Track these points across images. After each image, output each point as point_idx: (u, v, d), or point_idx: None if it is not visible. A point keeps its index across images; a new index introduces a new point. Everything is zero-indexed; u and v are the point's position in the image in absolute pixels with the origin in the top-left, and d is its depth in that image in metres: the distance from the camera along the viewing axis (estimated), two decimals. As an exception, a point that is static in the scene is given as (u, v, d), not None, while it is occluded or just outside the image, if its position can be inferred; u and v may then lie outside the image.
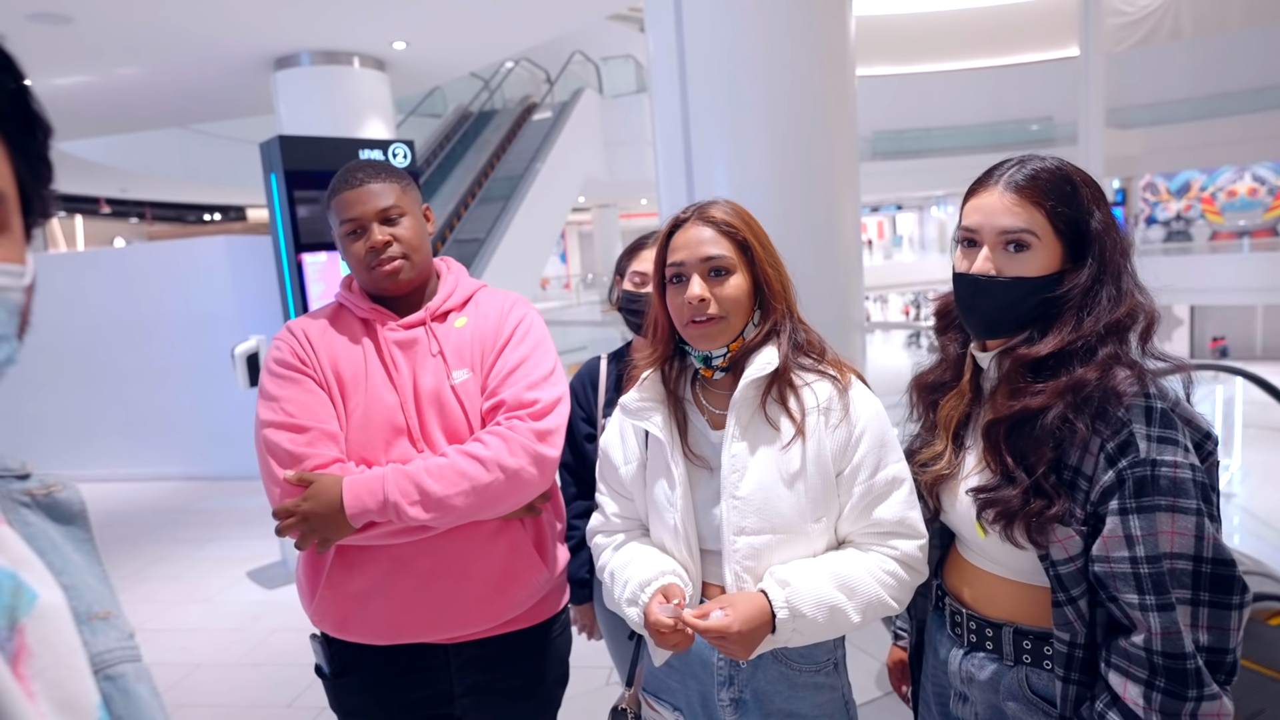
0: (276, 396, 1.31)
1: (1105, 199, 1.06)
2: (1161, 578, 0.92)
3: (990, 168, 1.10)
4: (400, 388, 1.34)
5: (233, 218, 19.57)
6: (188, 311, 6.34)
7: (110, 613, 0.60)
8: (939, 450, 1.16)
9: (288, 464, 1.26)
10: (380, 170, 1.37)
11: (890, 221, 27.86)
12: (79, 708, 0.52)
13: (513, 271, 8.78)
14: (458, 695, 1.40)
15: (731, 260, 1.16)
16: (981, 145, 16.74)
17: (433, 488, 1.23)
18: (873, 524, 1.15)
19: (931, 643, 1.25)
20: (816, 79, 3.36)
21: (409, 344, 1.37)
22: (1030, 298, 1.04)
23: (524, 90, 12.30)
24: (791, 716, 1.19)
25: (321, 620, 1.38)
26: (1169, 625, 0.91)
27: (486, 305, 1.45)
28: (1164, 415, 0.95)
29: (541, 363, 1.38)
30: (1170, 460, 0.93)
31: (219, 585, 4.25)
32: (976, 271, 1.06)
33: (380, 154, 4.53)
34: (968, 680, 1.14)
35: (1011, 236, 1.04)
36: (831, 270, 3.46)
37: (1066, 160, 1.07)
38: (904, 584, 1.15)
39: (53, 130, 0.51)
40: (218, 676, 3.25)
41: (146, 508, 5.86)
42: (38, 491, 0.62)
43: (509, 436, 1.29)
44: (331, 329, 1.39)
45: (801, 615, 1.07)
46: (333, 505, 1.21)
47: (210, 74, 6.52)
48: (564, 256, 25.82)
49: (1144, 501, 0.93)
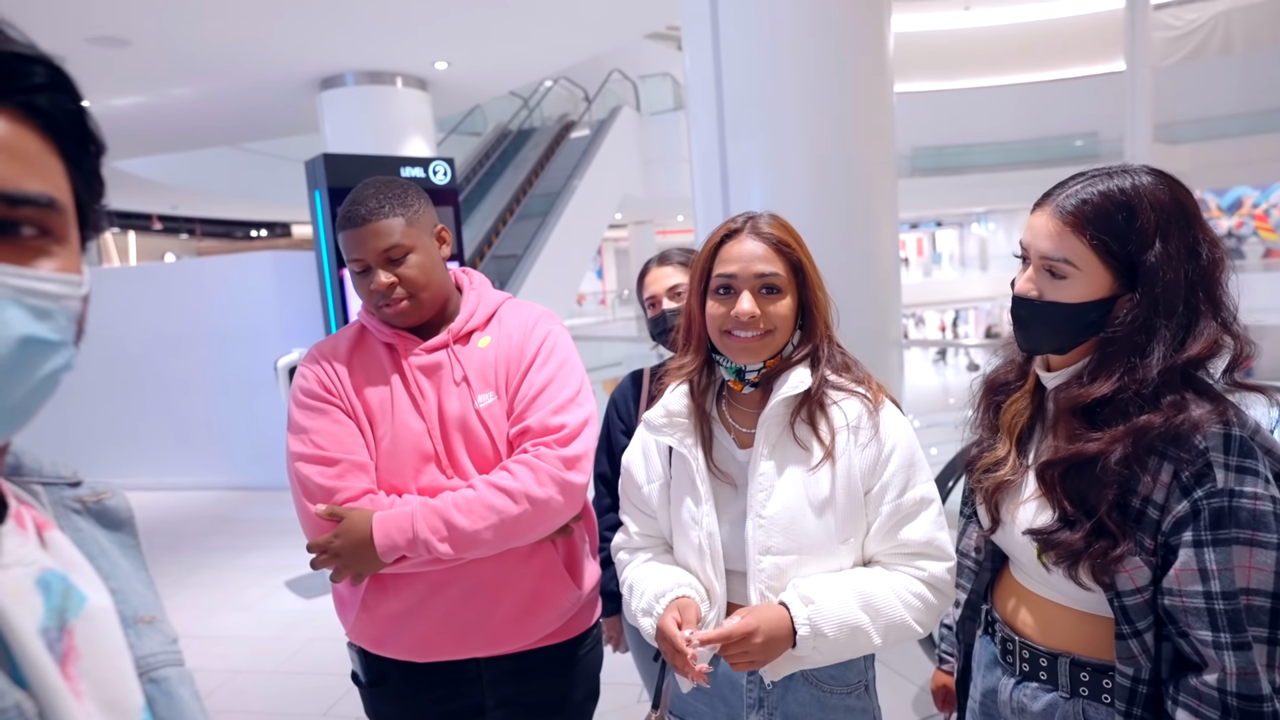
0: (306, 428, 1.31)
1: (1186, 223, 0.97)
2: (1238, 614, 0.88)
3: (1062, 181, 1.05)
4: (426, 414, 1.33)
5: (279, 234, 20.08)
6: (234, 325, 6.50)
7: (155, 617, 0.62)
8: (1001, 455, 1.12)
9: (319, 498, 1.26)
10: (385, 201, 1.31)
11: (930, 238, 27.53)
12: (124, 709, 0.53)
13: (549, 287, 8.86)
14: (489, 708, 1.41)
15: (784, 280, 1.15)
16: (1023, 161, 16.49)
17: (461, 523, 1.23)
18: (900, 544, 1.14)
19: (980, 669, 1.21)
20: (854, 95, 3.35)
21: (433, 369, 1.36)
22: (1068, 325, 1.01)
23: (562, 108, 12.46)
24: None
25: (359, 637, 1.40)
26: (1245, 665, 0.87)
27: (510, 323, 1.42)
28: (1243, 443, 0.91)
29: (568, 384, 1.35)
30: (1250, 491, 0.89)
31: (258, 594, 4.32)
32: (1018, 292, 1.05)
33: (421, 171, 4.61)
34: (1019, 710, 1.10)
35: (1048, 264, 1.01)
36: (869, 287, 3.43)
37: (1153, 178, 0.98)
38: (930, 607, 1.13)
39: (106, 148, 0.53)
40: (255, 684, 3.30)
41: (190, 516, 5.99)
42: (88, 499, 0.63)
43: (536, 466, 1.27)
44: (356, 355, 1.38)
45: (823, 635, 1.06)
46: (363, 542, 1.22)
47: (259, 94, 6.73)
48: (600, 273, 25.97)
49: (1220, 534, 0.89)
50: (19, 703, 0.45)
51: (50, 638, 0.49)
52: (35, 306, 0.47)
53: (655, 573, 1.20)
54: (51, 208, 0.48)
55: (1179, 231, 0.96)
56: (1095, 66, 16.96)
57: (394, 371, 1.36)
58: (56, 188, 0.49)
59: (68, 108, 0.49)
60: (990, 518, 1.13)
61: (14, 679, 0.46)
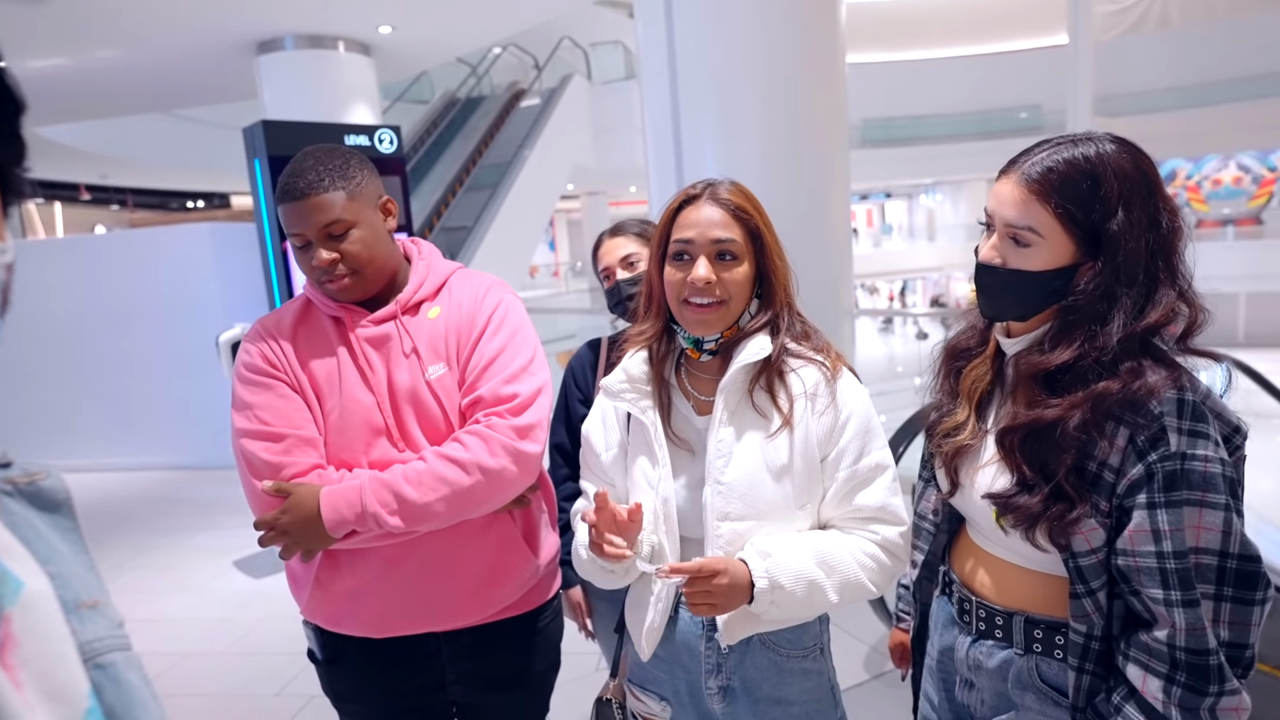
0: (250, 404, 1.27)
1: (1147, 192, 0.98)
2: (1188, 573, 0.91)
3: (1028, 148, 1.05)
4: (375, 387, 1.30)
5: (217, 205, 19.37)
6: (172, 299, 6.28)
7: (99, 601, 0.60)
8: (961, 420, 1.14)
9: (265, 474, 1.23)
10: (325, 173, 1.26)
11: (879, 209, 27.91)
12: (67, 697, 0.51)
13: (501, 259, 8.75)
14: (450, 682, 1.40)
15: (741, 247, 1.15)
16: (970, 133, 16.79)
17: (411, 495, 1.21)
18: (855, 509, 1.16)
19: (936, 628, 1.24)
20: (807, 66, 3.35)
21: (381, 340, 1.33)
22: (1032, 293, 1.02)
23: (512, 76, 12.21)
24: (779, 703, 1.19)
25: (314, 615, 1.37)
26: (1194, 621, 0.90)
27: (460, 292, 1.39)
28: (1195, 408, 0.93)
29: (520, 353, 1.33)
30: (1201, 455, 0.91)
31: (206, 575, 4.23)
32: (982, 259, 1.06)
33: (366, 139, 4.48)
34: (975, 667, 1.13)
35: (1012, 231, 1.02)
36: (821, 257, 3.46)
37: (1116, 147, 0.99)
38: (884, 569, 1.15)
39: (25, 106, 0.50)
40: (206, 666, 3.24)
41: (132, 497, 5.81)
42: (20, 480, 0.60)
43: (489, 436, 1.26)
44: (301, 329, 1.35)
45: (780, 587, 1.07)
46: (311, 518, 1.19)
47: (191, 58, 6.44)
48: (553, 244, 25.72)
49: (1173, 496, 0.91)
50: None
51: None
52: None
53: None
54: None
55: (1141, 200, 0.98)
56: (1041, 39, 17.29)
57: (341, 344, 1.32)
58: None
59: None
60: (949, 481, 1.15)
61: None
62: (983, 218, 1.09)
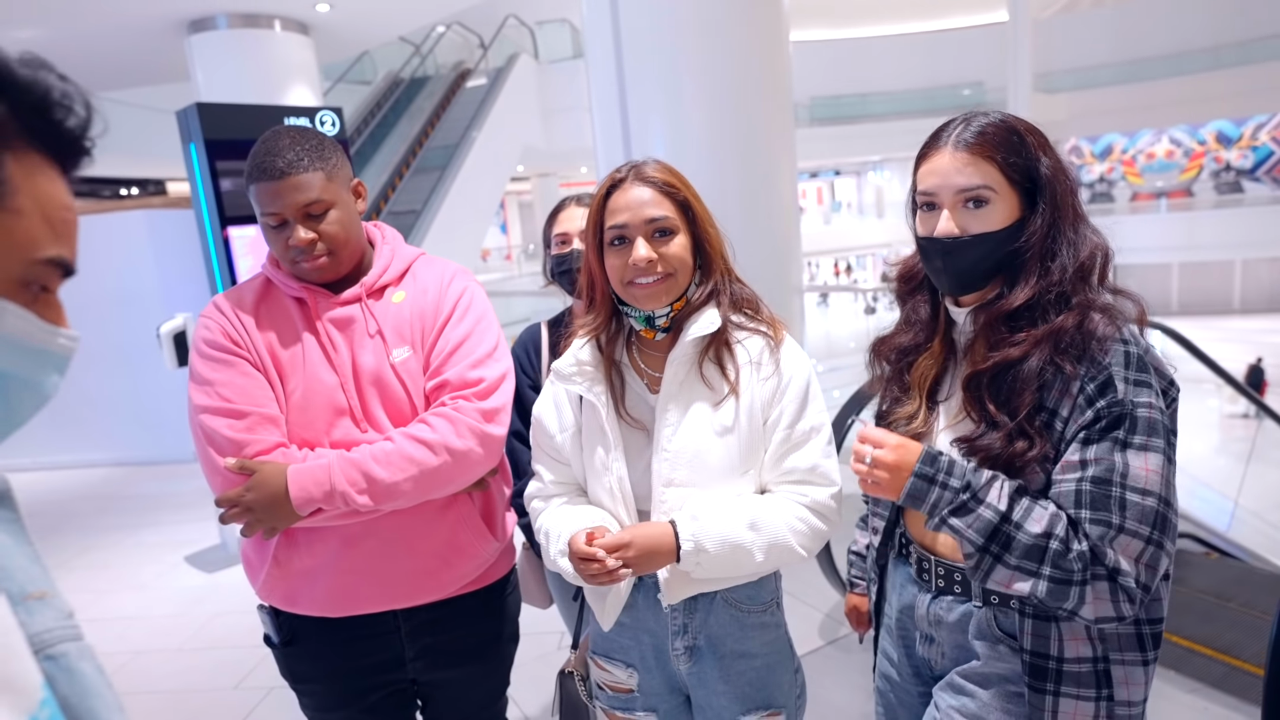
0: (210, 380, 1.25)
1: (1050, 144, 1.08)
2: (1101, 499, 0.96)
3: (937, 129, 1.11)
4: (339, 368, 1.30)
5: (152, 191, 18.64)
6: (108, 290, 6.06)
7: (46, 593, 0.59)
8: (912, 410, 1.18)
9: (228, 451, 1.22)
10: (304, 153, 1.26)
11: (829, 187, 28.21)
12: (20, 688, 0.51)
13: (452, 243, 8.61)
14: (410, 659, 1.40)
15: (674, 221, 1.17)
16: (916, 111, 17.03)
17: (380, 475, 1.21)
18: (787, 471, 1.19)
19: (895, 589, 1.28)
20: (752, 43, 3.36)
21: (345, 322, 1.32)
22: (996, 251, 1.06)
23: (457, 56, 11.97)
24: (743, 657, 1.23)
25: (269, 595, 1.36)
26: (1097, 538, 0.96)
27: (425, 278, 1.40)
28: (1139, 360, 0.99)
29: (484, 339, 1.35)
30: (1145, 402, 0.97)
31: (156, 571, 4.13)
32: (941, 234, 1.07)
33: (308, 121, 4.37)
34: (935, 623, 1.18)
35: (969, 194, 1.05)
36: (769, 234, 3.49)
37: (1008, 113, 1.09)
38: (815, 531, 1.18)
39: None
40: (159, 662, 3.17)
41: (73, 495, 5.63)
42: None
43: (455, 418, 1.27)
44: (263, 307, 1.33)
45: (704, 550, 1.11)
46: (278, 495, 1.18)
47: (119, 38, 6.17)
48: (504, 227, 25.44)
49: (1110, 435, 0.97)
50: None
51: None
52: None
53: (568, 515, 1.22)
54: None
55: (1050, 147, 1.07)
56: (982, 16, 17.57)
57: (304, 325, 1.32)
58: None
59: None
60: None
61: None
62: (917, 201, 1.12)
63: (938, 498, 1.03)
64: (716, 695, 1.24)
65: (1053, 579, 0.97)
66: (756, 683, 1.24)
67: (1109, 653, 1.05)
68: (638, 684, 1.28)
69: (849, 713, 2.42)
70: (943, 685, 1.18)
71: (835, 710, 2.42)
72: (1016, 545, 0.99)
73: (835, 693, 2.50)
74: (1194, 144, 19.64)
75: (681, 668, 1.24)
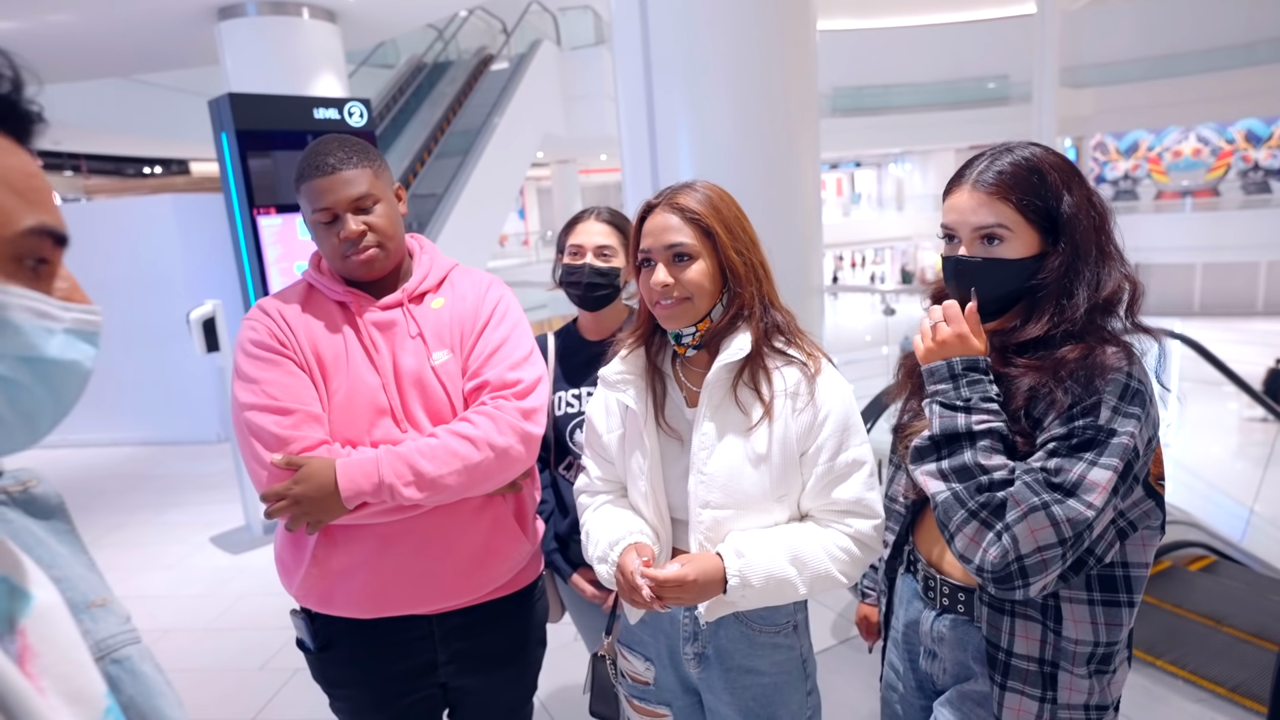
0: (257, 379, 1.29)
1: (1079, 178, 1.09)
2: (1053, 485, 0.99)
3: (963, 165, 1.14)
4: (381, 369, 1.35)
5: (175, 171, 18.80)
6: (136, 274, 6.16)
7: (106, 599, 0.62)
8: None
9: (274, 447, 1.25)
10: (353, 154, 1.34)
11: (849, 178, 27.99)
12: (87, 698, 0.53)
13: (471, 228, 8.65)
14: (442, 663, 1.44)
15: (694, 247, 1.20)
16: (940, 103, 16.86)
17: (426, 468, 1.26)
18: (831, 502, 1.22)
19: (902, 603, 1.33)
20: (778, 33, 3.35)
21: (387, 325, 1.38)
22: (1012, 278, 1.09)
23: (479, 41, 11.96)
24: (749, 673, 1.27)
25: (305, 596, 1.40)
26: (1021, 494, 1.00)
27: (463, 286, 1.46)
28: (1135, 392, 1.01)
29: (521, 344, 1.41)
30: (1127, 430, 0.99)
31: (183, 551, 4.23)
32: (959, 255, 1.13)
33: (336, 112, 4.42)
34: (938, 639, 1.22)
35: (984, 232, 1.09)
36: (791, 231, 3.50)
37: (1039, 147, 1.11)
38: (855, 560, 1.22)
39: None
40: (186, 642, 3.26)
41: (102, 474, 5.75)
42: (13, 489, 0.62)
43: (496, 416, 1.32)
44: (306, 310, 1.37)
45: (750, 585, 1.15)
46: (326, 488, 1.22)
47: (150, 23, 6.23)
48: (522, 213, 25.46)
49: (1081, 455, 1.00)
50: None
51: (2, 642, 0.50)
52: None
53: (609, 520, 1.28)
54: None
55: (1077, 184, 1.09)
56: (1009, 8, 17.31)
57: (348, 326, 1.37)
58: None
59: None
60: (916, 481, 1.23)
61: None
62: (940, 232, 1.16)
63: (947, 389, 1.09)
64: (723, 704, 1.29)
65: (955, 494, 1.03)
66: (762, 699, 1.28)
67: (1060, 660, 1.09)
68: (654, 678, 1.34)
69: (861, 711, 2.47)
70: (942, 701, 1.22)
71: (847, 709, 2.47)
72: (957, 457, 1.05)
73: (847, 691, 2.55)
74: (1222, 142, 19.30)
75: (691, 671, 1.30)
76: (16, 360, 0.52)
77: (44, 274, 0.55)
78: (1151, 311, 1.14)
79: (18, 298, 0.52)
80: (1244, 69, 14.93)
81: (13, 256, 0.52)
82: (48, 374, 0.54)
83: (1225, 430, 10.09)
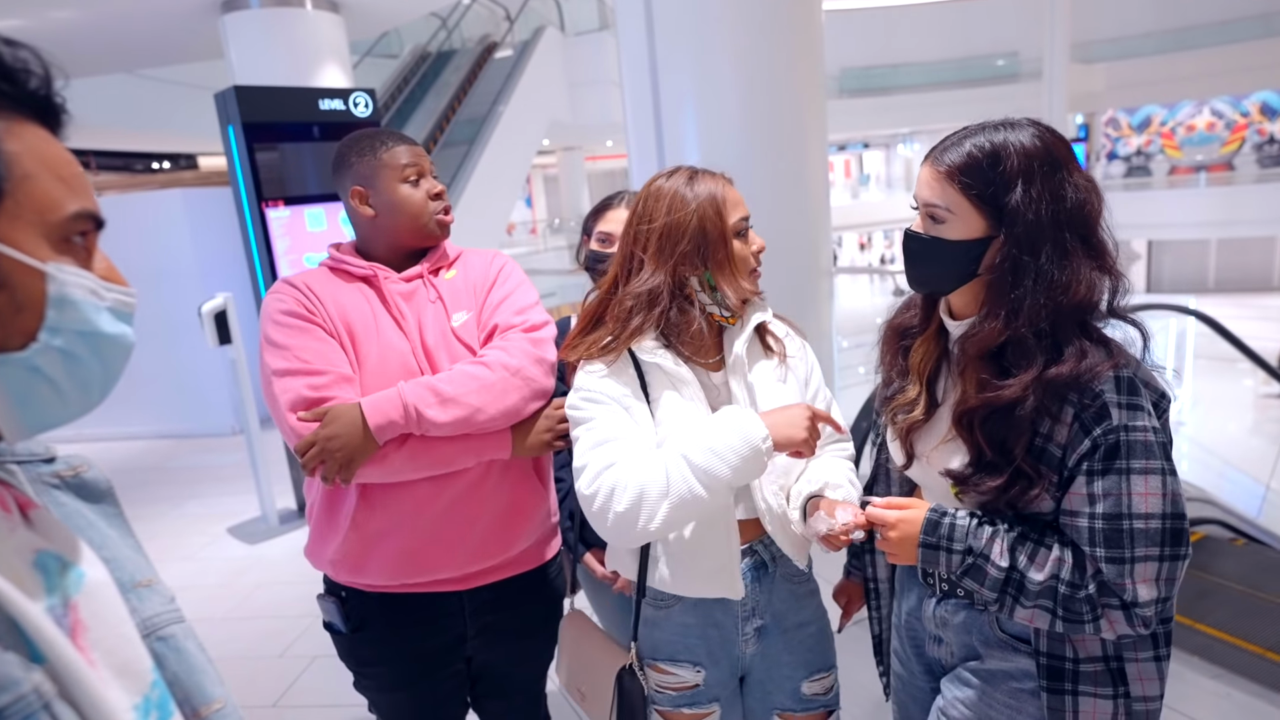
0: (287, 345, 1.31)
1: (1054, 170, 1.04)
2: (1115, 535, 1.00)
3: (947, 135, 1.14)
4: (409, 333, 1.40)
5: (183, 166, 18.86)
6: (146, 267, 6.20)
7: (152, 580, 0.66)
8: (913, 397, 1.21)
9: (306, 408, 1.27)
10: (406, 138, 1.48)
11: (857, 160, 27.79)
12: (135, 671, 0.56)
13: (479, 217, 8.66)
14: (470, 637, 1.49)
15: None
16: (948, 81, 16.67)
17: (445, 389, 1.30)
18: (826, 435, 1.38)
19: (903, 591, 1.34)
20: (784, 14, 3.32)
21: (410, 294, 1.44)
22: (950, 258, 1.10)
23: (483, 28, 11.91)
24: (801, 626, 1.37)
25: (338, 566, 1.41)
26: (1115, 576, 1.00)
27: (472, 259, 1.55)
28: (1130, 383, 1.01)
29: (527, 295, 1.50)
30: (1140, 426, 1.00)
31: (200, 543, 4.28)
32: (909, 229, 1.16)
33: (341, 104, 4.42)
34: (941, 624, 1.23)
35: (929, 209, 1.11)
36: (800, 213, 3.48)
37: (1028, 130, 1.06)
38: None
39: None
40: (206, 631, 3.27)
41: (118, 467, 5.82)
42: (65, 474, 0.66)
43: (506, 344, 1.39)
44: (330, 286, 1.41)
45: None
46: (355, 425, 1.24)
47: (154, 18, 6.24)
48: (529, 201, 25.42)
49: (1112, 465, 1.00)
50: (37, 685, 0.47)
51: (56, 615, 0.52)
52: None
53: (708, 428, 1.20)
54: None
55: (1044, 176, 1.04)
56: (1017, -16, 17.03)
57: (374, 297, 1.43)
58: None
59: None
60: (905, 454, 1.23)
61: (31, 657, 0.48)
62: (913, 202, 1.17)
63: (947, 561, 1.09)
64: (780, 667, 1.35)
65: (1066, 618, 1.03)
66: (815, 647, 1.38)
67: (1122, 651, 1.09)
68: (704, 678, 1.34)
69: (873, 691, 2.47)
70: (950, 678, 1.23)
71: (859, 686, 2.47)
72: (1028, 590, 1.04)
73: (859, 671, 2.55)
74: (1236, 116, 19.02)
75: (749, 650, 1.34)
76: (76, 334, 0.56)
77: (92, 256, 0.60)
78: (1166, 288, 1.13)
79: (75, 276, 0.56)
80: (1259, 40, 14.67)
81: (63, 239, 0.57)
82: (100, 347, 0.59)
83: (1241, 407, 10.02)
